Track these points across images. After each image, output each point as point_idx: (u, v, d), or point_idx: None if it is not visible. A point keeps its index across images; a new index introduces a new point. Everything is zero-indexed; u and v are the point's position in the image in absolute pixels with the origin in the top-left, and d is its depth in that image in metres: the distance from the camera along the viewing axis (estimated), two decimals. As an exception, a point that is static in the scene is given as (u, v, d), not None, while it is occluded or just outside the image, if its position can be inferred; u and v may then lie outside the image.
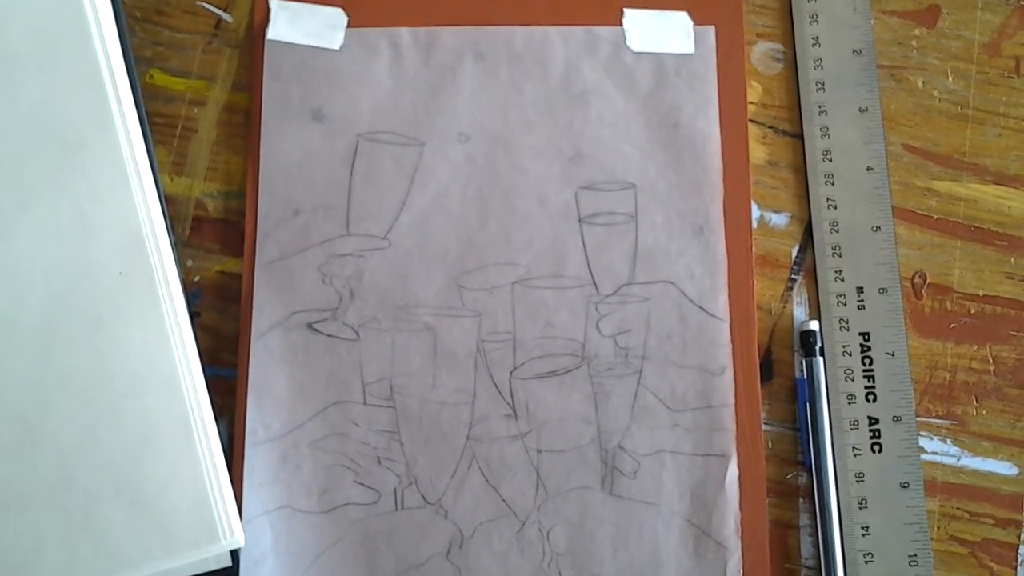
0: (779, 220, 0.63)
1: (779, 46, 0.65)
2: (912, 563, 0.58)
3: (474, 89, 0.63)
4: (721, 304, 0.61)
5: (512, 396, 0.60)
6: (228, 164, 0.63)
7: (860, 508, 0.59)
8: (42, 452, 0.54)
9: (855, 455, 0.59)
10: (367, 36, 0.64)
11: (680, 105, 0.63)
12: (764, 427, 0.60)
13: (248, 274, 0.61)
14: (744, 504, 0.58)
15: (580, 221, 0.62)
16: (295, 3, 0.64)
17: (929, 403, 0.61)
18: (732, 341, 0.60)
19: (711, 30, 0.64)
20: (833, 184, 0.63)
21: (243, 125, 0.64)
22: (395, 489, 0.59)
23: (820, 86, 0.64)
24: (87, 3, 0.59)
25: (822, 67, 0.64)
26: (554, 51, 0.64)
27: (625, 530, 0.58)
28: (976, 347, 0.62)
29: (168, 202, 0.62)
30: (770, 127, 0.64)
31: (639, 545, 0.58)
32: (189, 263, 0.62)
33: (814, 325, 0.61)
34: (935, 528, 0.59)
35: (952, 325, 0.62)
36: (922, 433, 0.60)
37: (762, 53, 0.65)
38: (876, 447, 0.59)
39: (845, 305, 0.61)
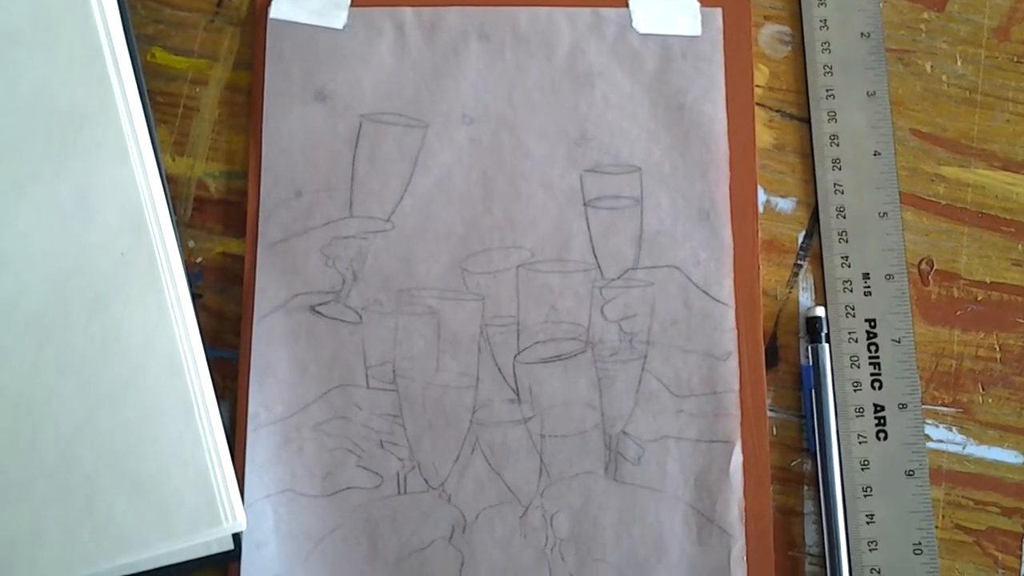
0: (785, 205, 0.63)
1: (787, 29, 0.65)
2: (916, 551, 0.58)
3: (479, 70, 0.63)
4: (726, 289, 0.60)
5: (516, 381, 0.59)
6: (230, 144, 0.63)
7: (865, 496, 0.58)
8: (43, 435, 0.54)
9: (860, 442, 0.59)
10: (370, 16, 0.63)
11: (686, 88, 0.63)
12: (769, 413, 0.60)
13: (250, 255, 0.60)
14: (748, 491, 0.58)
15: (585, 204, 0.61)
16: (298, -18, 0.63)
17: (935, 391, 0.61)
18: (737, 327, 0.60)
19: (718, 12, 0.63)
20: (840, 169, 0.62)
21: (245, 105, 0.63)
22: (398, 473, 0.58)
23: (828, 70, 0.64)
24: (88, -20, 0.58)
25: (830, 50, 0.64)
26: (560, 32, 0.63)
27: (628, 516, 0.58)
28: (983, 334, 0.61)
29: (170, 182, 0.62)
30: (777, 111, 0.64)
31: (642, 531, 0.58)
32: (191, 244, 0.61)
33: (820, 311, 0.60)
34: (940, 516, 0.59)
35: (959, 312, 0.61)
36: (928, 421, 0.60)
37: (769, 36, 0.65)
38: (881, 434, 0.59)
39: (851, 291, 0.61)
